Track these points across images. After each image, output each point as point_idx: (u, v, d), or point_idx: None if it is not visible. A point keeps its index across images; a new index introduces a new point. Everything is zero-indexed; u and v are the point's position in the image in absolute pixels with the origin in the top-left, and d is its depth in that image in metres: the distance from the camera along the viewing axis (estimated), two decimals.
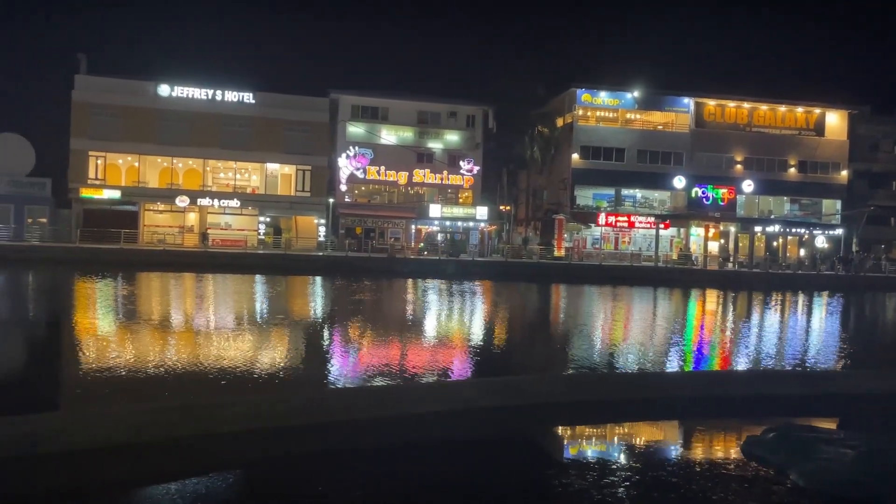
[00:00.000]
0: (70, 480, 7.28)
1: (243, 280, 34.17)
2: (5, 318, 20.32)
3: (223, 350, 15.25)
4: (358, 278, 37.27)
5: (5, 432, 7.46)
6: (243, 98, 51.28)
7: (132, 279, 31.89)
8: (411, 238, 54.41)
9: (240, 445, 8.30)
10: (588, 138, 55.31)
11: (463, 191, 56.19)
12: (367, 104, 54.88)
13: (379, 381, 12.50)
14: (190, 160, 51.84)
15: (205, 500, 6.87)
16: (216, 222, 51.87)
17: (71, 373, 12.90)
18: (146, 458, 7.76)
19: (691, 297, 36.46)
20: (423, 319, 23.05)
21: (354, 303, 27.24)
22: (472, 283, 38.02)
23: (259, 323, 20.64)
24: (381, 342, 17.46)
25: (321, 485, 7.52)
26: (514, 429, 9.88)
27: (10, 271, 33.65)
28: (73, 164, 48.90)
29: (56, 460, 7.37)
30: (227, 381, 11.87)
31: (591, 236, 55.91)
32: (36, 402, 10.26)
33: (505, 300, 32.07)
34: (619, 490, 7.47)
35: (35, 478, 7.19)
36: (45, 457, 7.36)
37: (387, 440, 9.02)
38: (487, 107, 56.39)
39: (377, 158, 54.11)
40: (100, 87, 49.03)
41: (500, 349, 17.90)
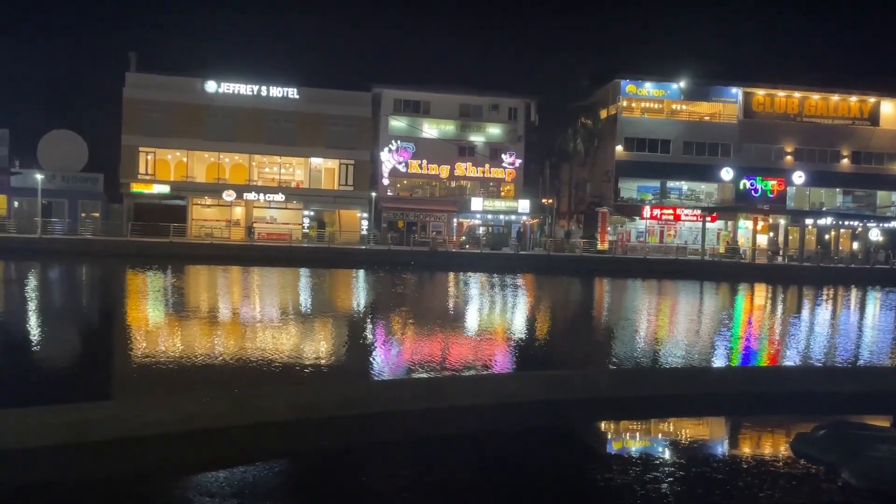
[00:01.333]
0: (122, 467, 7.49)
1: (288, 273, 34.66)
2: (60, 310, 21.02)
3: (269, 341, 15.51)
4: (400, 271, 37.47)
5: (60, 420, 7.71)
6: (288, 93, 51.89)
7: (181, 272, 32.64)
8: (453, 231, 54.44)
9: (286, 436, 8.44)
10: (633, 130, 54.50)
11: (505, 184, 55.97)
12: (410, 98, 55.02)
13: (422, 373, 12.57)
14: (236, 155, 52.71)
15: (252, 488, 7.01)
16: (262, 216, 52.67)
17: (123, 362, 13.29)
18: (196, 446, 7.95)
19: (739, 291, 35.71)
20: (466, 313, 23.07)
21: (397, 296, 27.41)
22: (514, 276, 37.89)
23: (304, 315, 20.92)
24: (425, 335, 17.54)
25: (366, 475, 7.61)
26: (558, 423, 9.82)
27: (65, 264, 34.73)
28: (125, 159, 50.16)
29: (108, 447, 7.59)
30: (274, 373, 12.08)
31: (636, 229, 55.14)
32: (89, 391, 10.60)
33: (547, 294, 31.88)
34: (663, 486, 7.39)
35: (88, 464, 7.42)
36: (98, 444, 7.59)
37: (431, 432, 9.07)
38: (530, 99, 56.00)
39: (419, 152, 54.24)
40: (150, 84, 50.15)
41: (544, 343, 17.82)
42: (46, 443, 7.36)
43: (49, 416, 7.79)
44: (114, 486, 7.08)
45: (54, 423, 7.62)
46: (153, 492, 6.99)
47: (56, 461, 7.30)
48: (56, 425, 7.60)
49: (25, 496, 6.74)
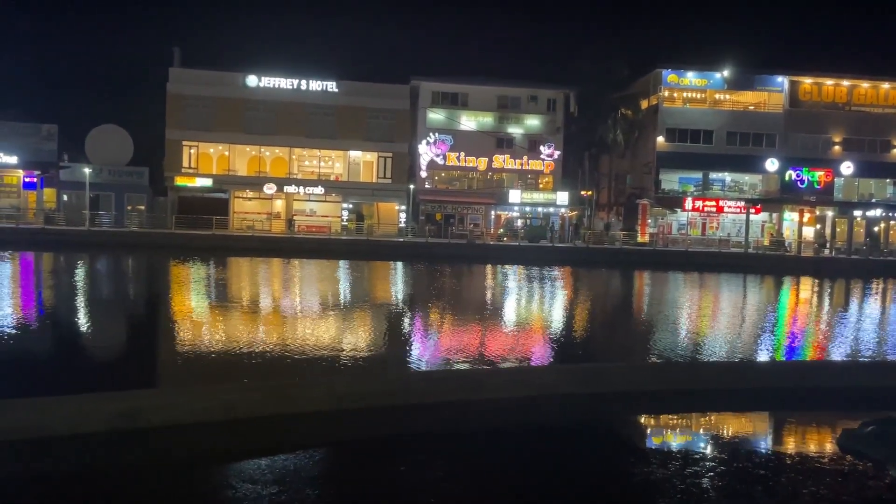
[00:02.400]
0: (167, 453, 7.69)
1: (327, 265, 35.02)
2: (109, 300, 21.59)
3: (309, 332, 15.71)
4: (438, 264, 37.57)
5: (109, 407, 7.94)
6: (327, 87, 52.30)
7: (223, 264, 33.23)
8: (491, 224, 54.34)
9: (325, 425, 8.55)
10: (674, 120, 53.61)
11: (543, 176, 55.61)
12: (448, 90, 54.98)
13: (460, 365, 12.60)
14: (277, 149, 53.37)
15: (292, 476, 7.13)
16: (302, 209, 53.29)
17: (169, 351, 13.61)
18: (238, 434, 8.11)
19: (784, 284, 34.94)
20: (504, 305, 23.04)
21: (435, 288, 27.49)
22: (552, 269, 37.67)
23: (343, 307, 21.13)
24: (462, 327, 17.57)
25: (403, 465, 7.67)
26: (596, 416, 9.76)
27: (112, 256, 35.65)
28: (169, 153, 51.20)
29: (155, 434, 7.79)
30: (313, 363, 12.24)
31: (677, 222, 54.31)
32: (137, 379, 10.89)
33: (586, 286, 31.64)
34: (703, 480, 7.29)
35: (135, 450, 7.62)
36: (145, 431, 7.79)
37: (468, 424, 9.09)
38: (569, 90, 55.46)
39: (457, 144, 54.20)
40: (192, 79, 51.05)
41: (582, 336, 17.71)
42: (96, 429, 7.59)
43: (99, 404, 8.02)
44: (160, 472, 7.27)
45: (104, 411, 7.84)
46: (197, 478, 7.15)
47: (105, 447, 7.51)
48: (105, 412, 7.82)
49: (77, 481, 6.96)
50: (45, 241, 38.95)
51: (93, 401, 8.13)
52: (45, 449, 7.25)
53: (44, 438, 7.32)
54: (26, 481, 6.90)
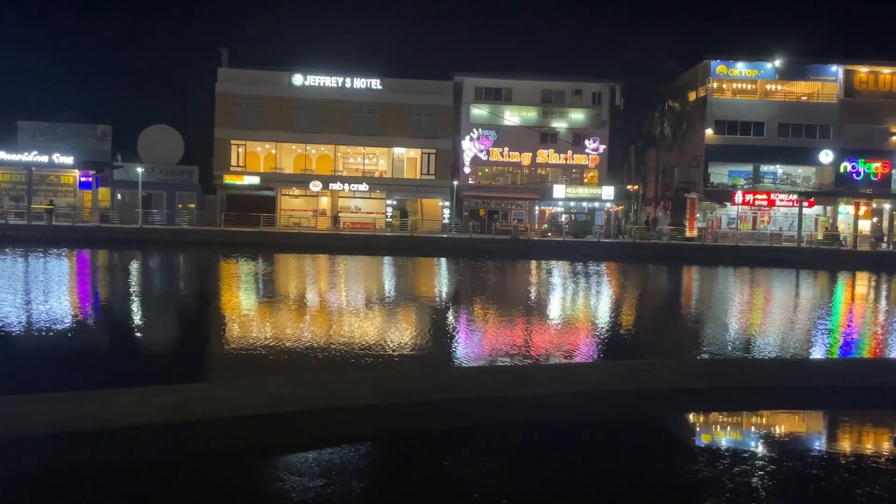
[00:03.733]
0: (217, 446, 7.86)
1: (372, 261, 35.31)
2: (161, 296, 22.17)
3: (355, 328, 15.87)
4: (482, 260, 37.52)
5: (161, 400, 8.15)
6: (371, 84, 52.65)
7: (271, 260, 33.79)
8: (535, 219, 54.04)
9: (371, 419, 8.63)
10: (723, 112, 52.45)
11: (588, 170, 55.04)
12: (491, 86, 54.80)
13: (505, 361, 12.58)
14: (322, 146, 53.97)
15: (338, 469, 7.21)
16: (347, 206, 53.83)
17: (218, 346, 13.91)
18: (286, 427, 8.24)
19: (839, 280, 33.90)
20: (549, 301, 22.90)
21: (479, 284, 27.47)
22: (598, 264, 37.27)
23: (388, 302, 21.27)
24: (507, 323, 17.53)
25: (447, 460, 7.69)
26: (643, 413, 9.63)
27: (164, 253, 36.56)
28: (218, 152, 52.25)
29: (204, 427, 7.97)
30: (359, 358, 12.36)
31: (727, 216, 53.16)
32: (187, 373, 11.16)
33: (633, 282, 31.22)
34: (753, 479, 7.13)
35: (186, 442, 7.81)
36: (195, 423, 7.98)
37: (513, 419, 9.07)
38: (614, 83, 54.73)
39: (500, 140, 54.02)
40: (240, 78, 51.98)
41: (629, 332, 17.49)
42: (150, 421, 7.80)
43: (152, 397, 8.25)
44: (209, 464, 7.43)
45: (157, 403, 8.06)
46: (246, 470, 7.29)
47: (158, 439, 7.72)
48: (158, 405, 8.04)
49: (131, 471, 7.17)
50: (100, 239, 40.20)
51: (146, 394, 8.36)
52: (102, 439, 7.48)
53: (101, 430, 7.56)
54: (85, 470, 7.13)
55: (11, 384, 9.76)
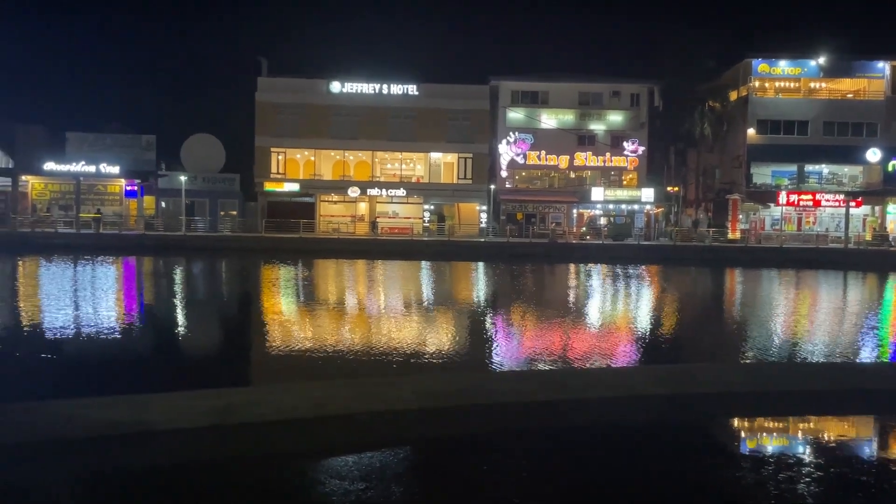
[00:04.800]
0: (259, 449, 7.95)
1: (410, 266, 35.45)
2: (204, 301, 22.59)
3: (394, 332, 15.95)
4: (520, 264, 37.38)
5: (205, 404, 8.29)
6: (408, 90, 52.97)
7: (310, 266, 34.17)
8: (573, 222, 53.66)
9: (411, 423, 8.64)
10: (766, 111, 51.45)
11: (627, 173, 54.48)
12: (527, 89, 54.66)
13: (544, 365, 12.50)
14: (360, 153, 54.48)
15: (378, 473, 7.24)
16: (384, 211, 54.20)
17: (261, 350, 14.11)
18: (326, 431, 8.31)
19: (889, 282, 32.91)
20: (588, 304, 22.70)
21: (517, 288, 27.37)
22: (638, 267, 36.82)
23: (427, 307, 21.33)
24: (546, 327, 17.42)
25: (487, 464, 7.67)
26: (685, 418, 9.46)
27: (208, 259, 37.27)
28: (258, 160, 53.12)
29: (247, 430, 8.08)
30: (398, 362, 12.41)
31: (770, 217, 52.09)
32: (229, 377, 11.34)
33: (674, 285, 30.76)
34: (798, 486, 6.95)
35: (229, 445, 7.93)
36: (238, 427, 8.09)
37: (552, 424, 9.00)
38: (652, 84, 54.14)
39: (537, 143, 53.82)
40: (279, 87, 52.78)
41: (671, 335, 17.23)
42: (193, 425, 7.93)
43: (195, 401, 8.39)
44: (252, 467, 7.53)
45: (200, 407, 8.19)
46: (287, 473, 7.37)
47: (201, 442, 7.85)
48: (201, 409, 8.17)
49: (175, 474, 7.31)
50: (146, 246, 41.17)
51: (191, 398, 8.52)
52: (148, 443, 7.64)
53: (145, 433, 7.72)
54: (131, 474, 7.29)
55: (60, 388, 10.04)
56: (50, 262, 32.63)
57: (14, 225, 45.57)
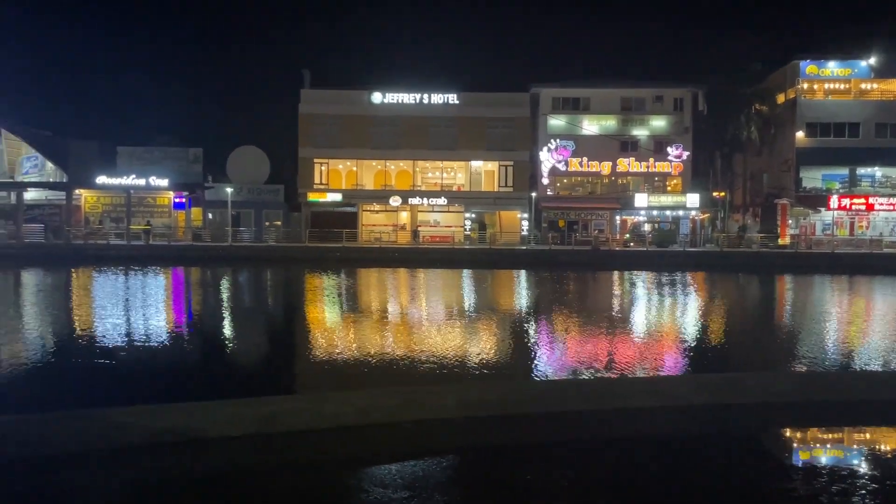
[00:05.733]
0: (304, 457, 8.06)
1: (452, 274, 35.50)
2: (250, 311, 22.98)
3: (438, 340, 15.99)
4: (562, 271, 37.11)
5: (251, 412, 8.44)
6: (448, 99, 53.20)
7: (353, 275, 34.49)
8: (616, 229, 53.09)
9: (454, 432, 8.66)
10: (815, 114, 50.19)
11: (671, 178, 53.70)
12: (568, 95, 54.37)
13: (587, 374, 12.39)
14: (401, 162, 54.84)
15: (422, 482, 7.27)
16: (426, 220, 54.41)
17: (306, 359, 14.29)
18: (369, 439, 8.38)
19: None
20: (632, 312, 22.41)
21: (560, 296, 27.18)
22: (684, 274, 36.22)
23: (469, 315, 21.33)
24: (590, 335, 17.26)
25: (530, 474, 7.63)
26: (734, 428, 9.27)
27: (253, 269, 37.91)
28: (302, 170, 53.90)
29: (292, 438, 8.20)
30: (441, 371, 12.44)
31: (821, 221, 50.70)
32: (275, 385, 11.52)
33: (721, 292, 30.16)
34: (853, 499, 6.75)
35: (274, 453, 8.05)
36: (283, 434, 8.21)
37: (597, 433, 8.92)
38: (696, 88, 53.32)
39: (579, 149, 53.45)
40: (322, 99, 53.53)
41: (718, 344, 16.90)
42: (241, 433, 8.08)
43: (243, 409, 8.56)
44: (297, 475, 7.63)
45: (246, 415, 8.35)
46: (332, 480, 7.45)
47: (248, 450, 7.99)
48: (248, 417, 8.33)
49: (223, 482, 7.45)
50: (194, 257, 42.08)
51: (238, 406, 8.69)
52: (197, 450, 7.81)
53: (196, 440, 7.90)
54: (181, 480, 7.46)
55: (112, 396, 10.33)
56: (103, 273, 33.62)
57: (69, 237, 47.06)
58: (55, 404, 9.29)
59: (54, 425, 7.78)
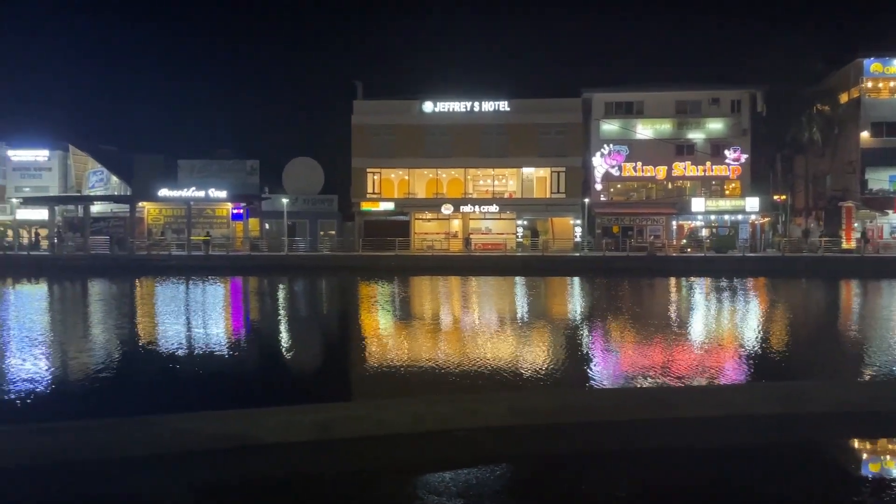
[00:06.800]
0: (359, 463, 8.12)
1: (504, 282, 35.37)
2: (306, 319, 23.35)
3: (491, 348, 15.94)
4: (617, 278, 36.58)
5: (308, 418, 8.55)
6: (499, 106, 53.17)
7: (406, 283, 34.70)
8: (672, 235, 52.07)
9: (507, 440, 8.60)
10: (880, 113, 48.33)
11: (729, 182, 52.43)
12: (621, 100, 53.70)
13: (645, 382, 12.16)
14: (452, 170, 55.01)
15: (475, 489, 7.24)
16: (477, 227, 54.41)
17: (361, 365, 14.43)
18: (423, 446, 8.39)
19: None
20: (691, 319, 21.92)
21: (616, 302, 26.77)
22: (744, 280, 35.27)
23: (522, 323, 21.21)
24: (647, 343, 16.95)
25: (584, 483, 7.52)
26: (796, 439, 8.95)
27: (309, 278, 38.52)
28: (355, 180, 54.61)
29: (348, 445, 8.27)
30: (495, 378, 12.39)
31: (889, 224, 48.73)
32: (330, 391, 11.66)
33: (784, 298, 29.23)
34: None
35: (331, 459, 8.13)
36: (339, 441, 8.29)
37: (654, 444, 8.73)
38: (755, 89, 51.99)
39: (633, 154, 52.70)
40: (374, 109, 54.18)
41: (781, 352, 16.37)
42: (297, 439, 8.20)
43: (299, 415, 8.67)
44: (351, 481, 7.69)
45: (303, 422, 8.46)
46: (386, 487, 7.49)
47: (304, 456, 8.10)
48: (304, 424, 8.43)
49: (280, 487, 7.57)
50: (251, 267, 43.03)
51: (294, 413, 8.80)
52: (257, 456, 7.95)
53: (256, 446, 8.05)
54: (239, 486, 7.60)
55: (176, 403, 10.62)
56: (165, 282, 34.67)
57: (132, 248, 48.69)
58: (121, 410, 9.61)
59: (120, 430, 8.04)
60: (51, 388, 11.94)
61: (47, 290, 32.66)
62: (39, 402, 10.97)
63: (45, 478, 7.26)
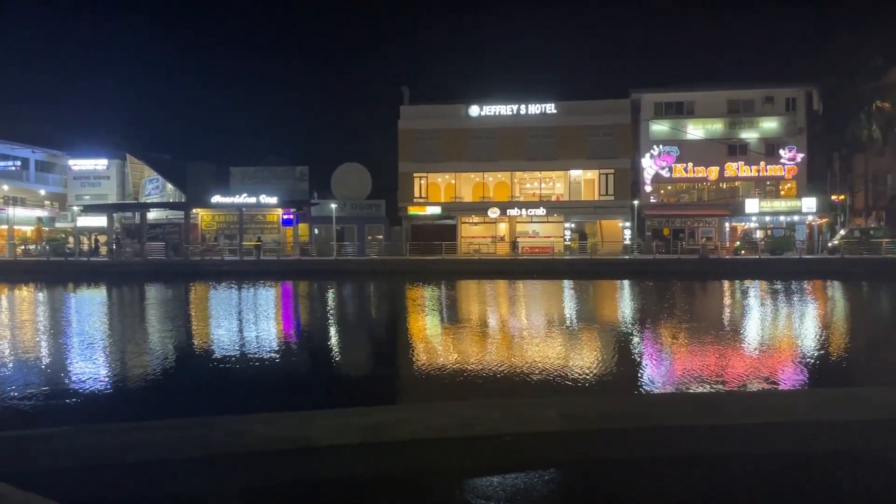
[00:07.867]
0: (408, 467, 8.16)
1: (552, 286, 35.11)
2: (356, 322, 23.61)
3: (540, 352, 15.85)
4: (668, 281, 35.95)
5: (358, 421, 8.63)
6: (545, 109, 52.93)
7: (453, 287, 34.75)
8: (725, 237, 50.95)
9: (557, 445, 8.54)
10: None
11: (784, 182, 51.10)
12: (671, 100, 52.88)
13: (697, 388, 11.93)
14: (499, 174, 54.96)
15: (524, 494, 7.21)
16: (524, 231, 54.20)
17: (409, 369, 14.51)
18: (472, 451, 8.39)
19: None
20: (745, 323, 21.41)
21: (667, 306, 26.33)
22: (801, 283, 34.27)
23: (572, 326, 21.03)
24: (700, 347, 16.62)
25: (635, 490, 7.42)
26: (860, 447, 8.66)
27: (357, 282, 38.93)
28: (402, 185, 55.02)
29: (397, 448, 8.32)
30: (545, 382, 12.31)
31: None
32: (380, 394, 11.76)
33: (843, 301, 28.32)
34: None
35: (380, 462, 8.20)
36: (389, 444, 8.35)
37: (706, 450, 8.55)
38: (811, 86, 50.61)
39: (684, 155, 51.80)
40: (420, 114, 54.51)
41: (842, 356, 15.86)
42: (347, 441, 8.29)
43: (349, 418, 8.77)
44: (401, 484, 7.74)
45: (354, 424, 8.54)
46: (435, 491, 7.51)
47: (354, 459, 8.18)
48: (354, 426, 8.52)
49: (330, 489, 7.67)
50: (301, 271, 43.70)
51: (344, 415, 8.91)
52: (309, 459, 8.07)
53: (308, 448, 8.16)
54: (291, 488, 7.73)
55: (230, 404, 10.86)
56: (218, 287, 35.47)
57: (187, 254, 49.98)
58: (178, 410, 9.87)
59: (178, 431, 8.26)
60: (109, 389, 12.33)
61: (107, 295, 33.75)
62: (97, 403, 11.34)
63: (103, 477, 7.50)
